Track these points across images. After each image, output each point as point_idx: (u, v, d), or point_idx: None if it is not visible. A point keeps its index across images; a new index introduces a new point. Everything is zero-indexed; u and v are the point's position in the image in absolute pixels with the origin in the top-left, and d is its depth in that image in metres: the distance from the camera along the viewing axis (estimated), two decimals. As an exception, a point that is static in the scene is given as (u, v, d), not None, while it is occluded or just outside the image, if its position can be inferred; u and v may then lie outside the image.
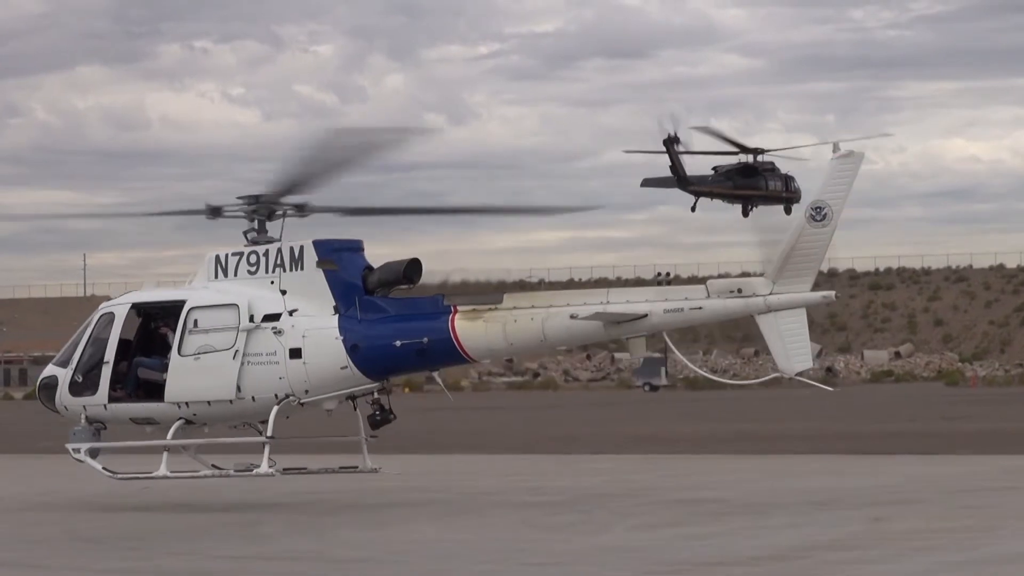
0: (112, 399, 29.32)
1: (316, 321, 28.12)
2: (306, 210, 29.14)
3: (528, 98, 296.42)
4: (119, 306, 29.97)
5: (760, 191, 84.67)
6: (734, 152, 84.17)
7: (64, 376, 29.83)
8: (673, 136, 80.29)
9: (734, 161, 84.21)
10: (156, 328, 29.61)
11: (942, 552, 21.26)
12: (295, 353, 28.11)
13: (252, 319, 28.32)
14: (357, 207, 30.12)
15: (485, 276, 29.51)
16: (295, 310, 28.27)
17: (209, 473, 29.86)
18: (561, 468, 41.11)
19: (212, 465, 29.97)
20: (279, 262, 28.59)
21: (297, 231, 29.30)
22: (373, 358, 27.95)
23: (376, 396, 28.58)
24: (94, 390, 29.37)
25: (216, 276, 29.18)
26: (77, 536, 25.47)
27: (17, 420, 77.61)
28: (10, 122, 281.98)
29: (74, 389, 29.66)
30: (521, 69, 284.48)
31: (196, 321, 28.74)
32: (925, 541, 22.52)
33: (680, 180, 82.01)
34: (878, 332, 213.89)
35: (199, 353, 28.60)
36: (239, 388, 28.33)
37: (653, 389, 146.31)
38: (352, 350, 27.91)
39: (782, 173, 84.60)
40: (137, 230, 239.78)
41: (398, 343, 27.72)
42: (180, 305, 28.97)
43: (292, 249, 28.59)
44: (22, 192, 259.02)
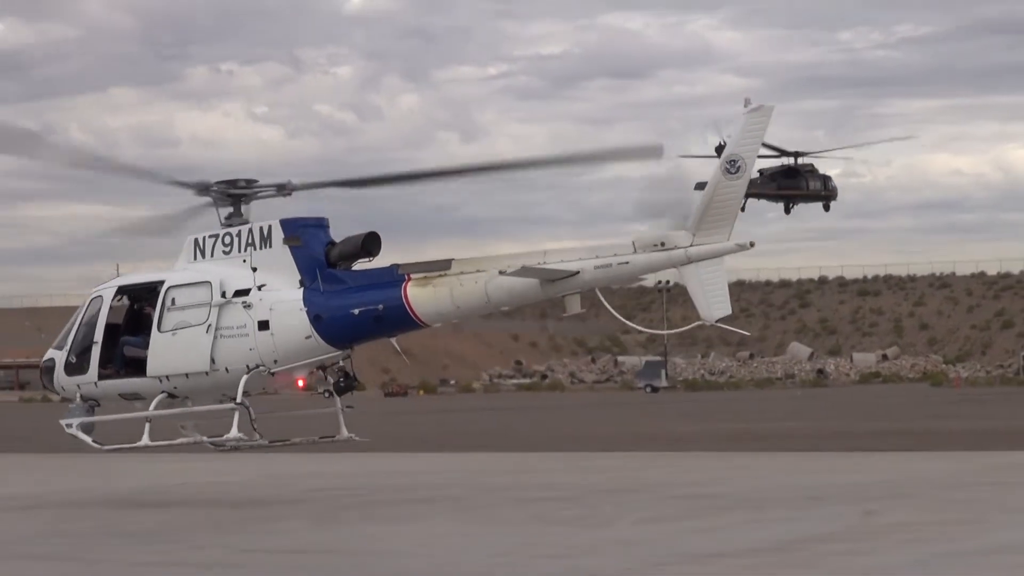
0: (102, 377, 29.51)
1: (282, 295, 28.11)
2: (287, 189, 29.06)
3: (536, 116, 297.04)
4: (106, 289, 30.17)
5: (801, 191, 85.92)
6: (776, 155, 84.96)
7: (60, 358, 30.10)
8: (724, 144, 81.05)
9: (777, 164, 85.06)
10: (140, 308, 29.75)
11: (930, 544, 21.19)
12: (263, 325, 28.10)
13: (224, 295, 28.37)
14: (339, 180, 29.90)
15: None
16: (263, 285, 28.28)
17: (187, 441, 29.82)
18: (568, 465, 41.07)
19: (196, 436, 29.85)
20: (250, 241, 28.60)
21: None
22: (334, 327, 27.90)
23: (341, 364, 28.62)
24: (86, 369, 29.60)
25: (195, 258, 29.25)
26: (112, 531, 25.45)
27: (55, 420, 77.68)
28: (47, 140, 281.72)
29: (69, 370, 29.90)
30: (529, 89, 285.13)
31: (173, 299, 28.87)
32: (914, 534, 22.47)
33: None
34: (866, 336, 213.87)
35: (176, 329, 28.69)
36: (213, 360, 28.36)
37: (654, 390, 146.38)
38: (315, 320, 27.90)
39: (821, 174, 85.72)
40: (168, 240, 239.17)
41: (356, 311, 27.68)
42: (160, 285, 29.12)
43: (261, 228, 28.60)
44: (58, 206, 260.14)
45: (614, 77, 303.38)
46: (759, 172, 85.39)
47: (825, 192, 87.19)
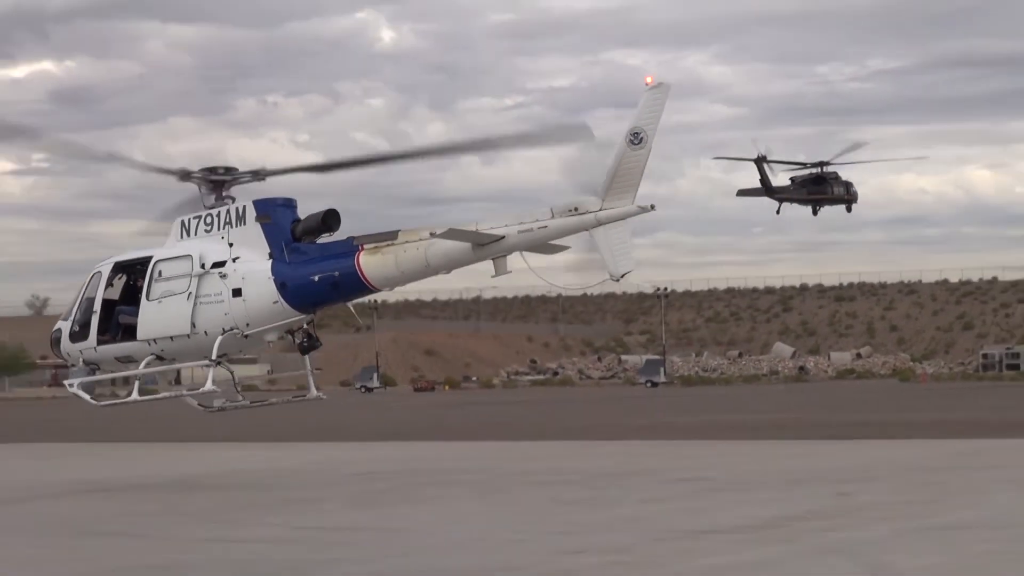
0: (100, 342, 29.74)
1: (253, 266, 28.24)
2: (262, 175, 29.20)
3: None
4: (104, 265, 30.33)
5: (828, 195, 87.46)
6: (802, 165, 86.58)
7: (65, 328, 30.38)
8: (762, 156, 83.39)
9: (805, 173, 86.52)
10: (133, 281, 29.91)
11: (899, 521, 21.21)
12: (236, 293, 28.28)
13: (203, 267, 28.56)
14: (307, 165, 29.95)
15: None
16: (238, 258, 28.47)
17: (169, 395, 30.61)
18: (577, 452, 41.07)
19: (179, 390, 30.38)
20: (228, 220, 28.79)
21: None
22: (298, 293, 28.02)
23: (305, 327, 28.72)
24: (86, 336, 29.85)
25: (182, 237, 29.43)
26: (177, 511, 25.58)
27: (118, 415, 77.72)
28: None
29: (73, 337, 30.16)
30: (542, 117, 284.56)
31: (160, 272, 29.08)
32: (884, 512, 22.51)
33: (768, 190, 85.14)
34: (842, 337, 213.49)
35: (162, 297, 28.92)
36: (193, 324, 28.51)
37: (654, 385, 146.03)
38: (281, 287, 28.04)
39: (844, 180, 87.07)
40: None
41: (316, 278, 27.83)
42: (149, 260, 29.38)
43: (237, 209, 28.80)
44: (123, 223, 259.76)
45: (617, 107, 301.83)
46: (791, 180, 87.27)
47: (847, 196, 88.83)
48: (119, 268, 30.12)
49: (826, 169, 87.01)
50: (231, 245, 28.64)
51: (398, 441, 49.51)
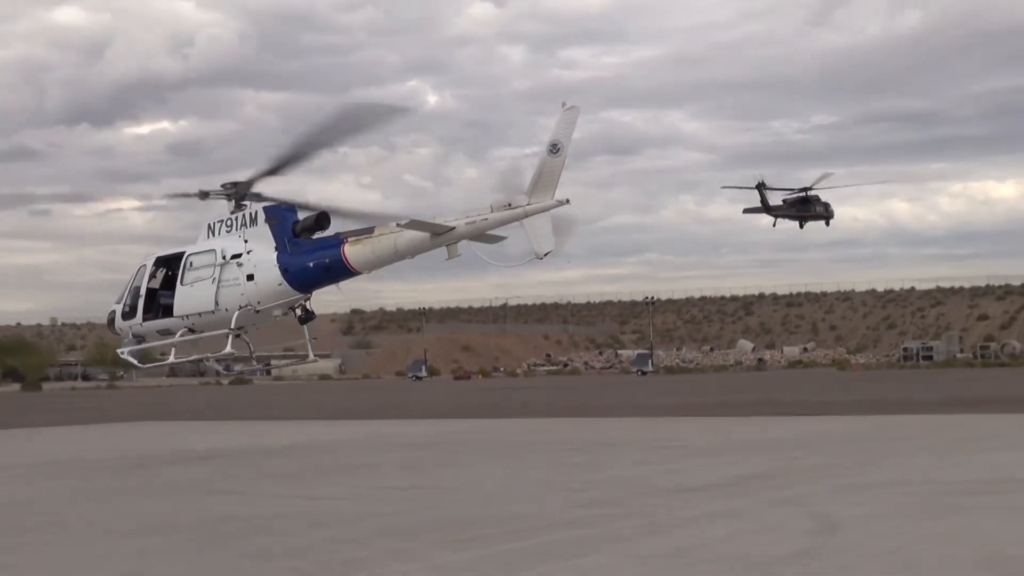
0: (145, 319, 29.96)
1: (263, 256, 28.43)
2: (262, 199, 29.23)
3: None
4: (148, 259, 30.53)
5: (811, 213, 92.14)
6: (790, 190, 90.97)
7: (118, 309, 30.61)
8: (762, 183, 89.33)
9: (794, 196, 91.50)
10: (171, 271, 30.03)
11: (837, 479, 21.01)
12: (250, 277, 28.48)
13: (224, 258, 28.79)
14: (293, 201, 29.26)
15: None
16: (251, 251, 28.66)
17: (198, 357, 30.29)
18: (579, 427, 40.96)
19: (206, 355, 30.15)
20: (243, 223, 28.95)
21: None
22: (298, 277, 28.13)
23: (304, 304, 28.70)
24: (134, 314, 30.09)
25: (208, 236, 29.61)
26: (265, 473, 25.41)
27: (212, 401, 77.68)
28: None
29: (124, 316, 30.39)
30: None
31: (191, 263, 29.33)
32: (825, 473, 22.29)
33: (767, 208, 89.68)
34: (792, 334, 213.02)
35: (193, 283, 29.15)
36: (216, 303, 28.76)
37: (643, 374, 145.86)
38: (284, 272, 28.20)
39: (823, 201, 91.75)
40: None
41: (311, 265, 27.96)
42: (183, 254, 29.67)
43: (250, 214, 28.96)
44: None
45: (613, 154, 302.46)
46: (783, 201, 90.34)
47: (826, 213, 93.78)
48: (159, 262, 30.37)
49: (809, 193, 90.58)
50: (246, 241, 28.92)
51: (434, 419, 49.36)
